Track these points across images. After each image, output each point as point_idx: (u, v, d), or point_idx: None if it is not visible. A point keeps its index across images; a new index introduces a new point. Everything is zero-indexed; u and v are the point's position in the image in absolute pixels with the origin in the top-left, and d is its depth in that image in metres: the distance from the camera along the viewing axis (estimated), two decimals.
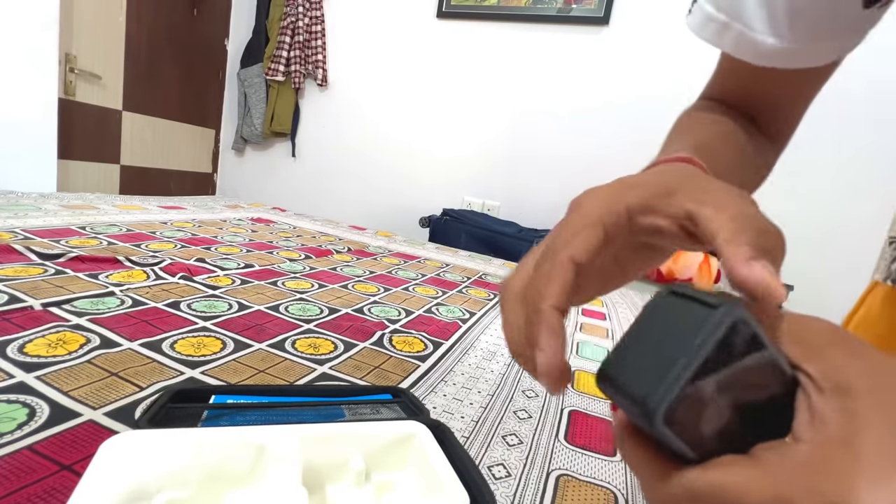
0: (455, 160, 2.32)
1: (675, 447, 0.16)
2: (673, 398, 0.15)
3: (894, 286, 0.47)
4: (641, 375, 0.16)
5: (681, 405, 0.15)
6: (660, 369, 0.15)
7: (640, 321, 0.17)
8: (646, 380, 0.15)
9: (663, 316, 0.17)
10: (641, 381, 0.15)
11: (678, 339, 0.15)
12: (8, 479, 0.27)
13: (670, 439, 0.15)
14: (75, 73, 1.96)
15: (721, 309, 0.15)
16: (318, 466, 0.29)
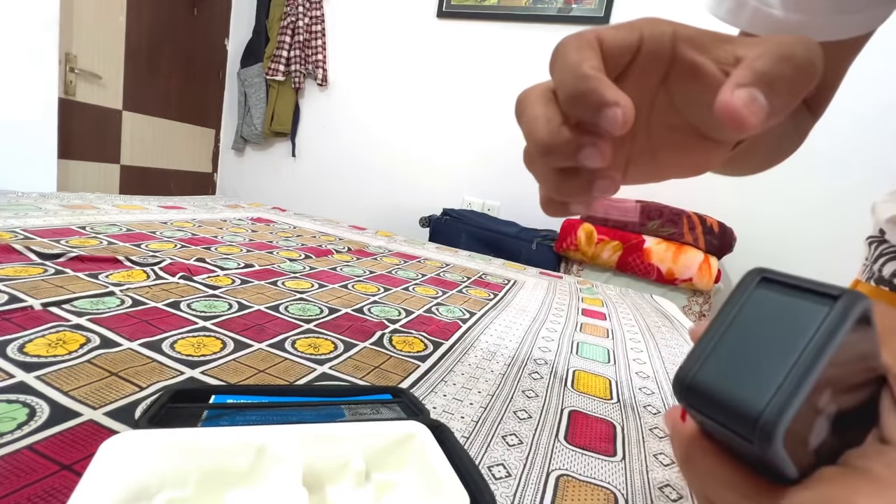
0: (455, 160, 2.32)
1: (782, 469, 0.12)
2: (793, 415, 0.12)
3: (877, 286, 0.47)
4: (745, 385, 0.12)
5: (798, 421, 0.12)
6: (770, 377, 0.12)
7: (729, 316, 0.14)
8: (753, 391, 0.12)
9: (760, 309, 0.14)
10: (747, 393, 0.12)
11: (787, 338, 0.13)
12: (8, 478, 0.27)
13: (782, 461, 0.12)
14: (75, 73, 1.96)
15: (841, 301, 0.12)
16: (318, 466, 0.29)
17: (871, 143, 1.68)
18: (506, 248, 1.81)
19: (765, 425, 0.12)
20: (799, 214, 1.81)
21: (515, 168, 2.19)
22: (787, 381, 0.12)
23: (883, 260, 0.47)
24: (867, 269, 0.50)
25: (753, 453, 0.13)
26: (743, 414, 0.12)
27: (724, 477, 0.14)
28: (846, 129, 1.71)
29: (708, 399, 0.13)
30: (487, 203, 2.25)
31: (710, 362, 0.13)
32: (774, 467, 0.13)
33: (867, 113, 1.68)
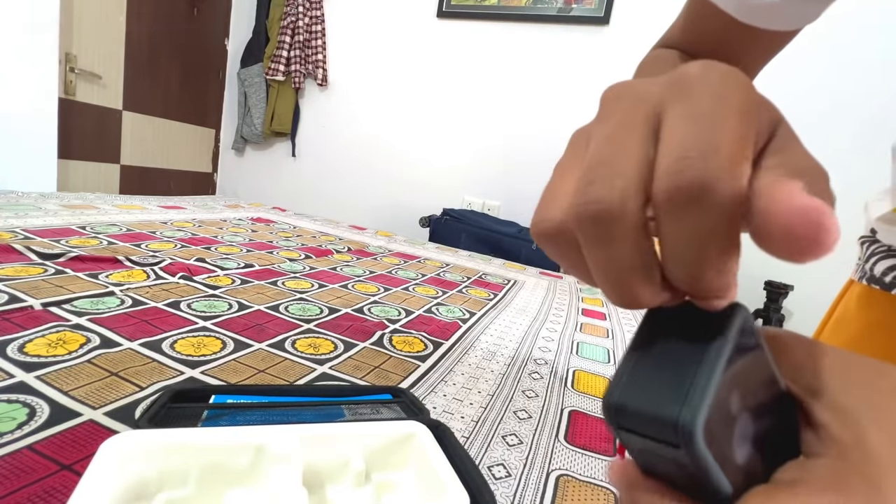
0: (455, 160, 2.32)
1: (714, 480, 0.13)
2: (708, 408, 0.12)
3: (869, 285, 0.47)
4: (661, 396, 0.13)
5: (715, 419, 0.13)
6: (680, 385, 0.13)
7: (639, 340, 0.15)
8: (668, 399, 0.13)
9: (664, 328, 0.15)
10: (663, 402, 0.13)
11: (690, 346, 0.14)
12: (8, 478, 0.27)
13: (710, 467, 0.13)
14: (75, 73, 1.96)
15: (730, 306, 0.14)
16: (318, 466, 0.29)
17: (866, 142, 1.68)
18: (506, 248, 1.81)
19: (684, 424, 0.12)
20: None
21: (515, 168, 2.19)
22: (694, 384, 0.13)
23: (875, 259, 0.47)
24: (860, 269, 0.50)
25: (685, 467, 0.13)
26: (664, 420, 0.13)
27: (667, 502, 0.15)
28: (841, 128, 1.71)
29: (632, 415, 0.14)
30: (487, 203, 2.25)
31: (628, 383, 0.14)
32: (706, 480, 0.13)
33: (861, 112, 1.68)
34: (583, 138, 0.16)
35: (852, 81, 1.69)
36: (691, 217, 0.12)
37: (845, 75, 1.70)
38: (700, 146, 0.12)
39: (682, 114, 0.13)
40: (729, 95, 0.13)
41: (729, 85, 0.13)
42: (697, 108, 0.13)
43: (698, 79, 0.14)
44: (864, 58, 1.67)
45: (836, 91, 1.71)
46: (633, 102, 0.14)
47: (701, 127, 0.13)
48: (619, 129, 0.14)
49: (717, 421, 0.13)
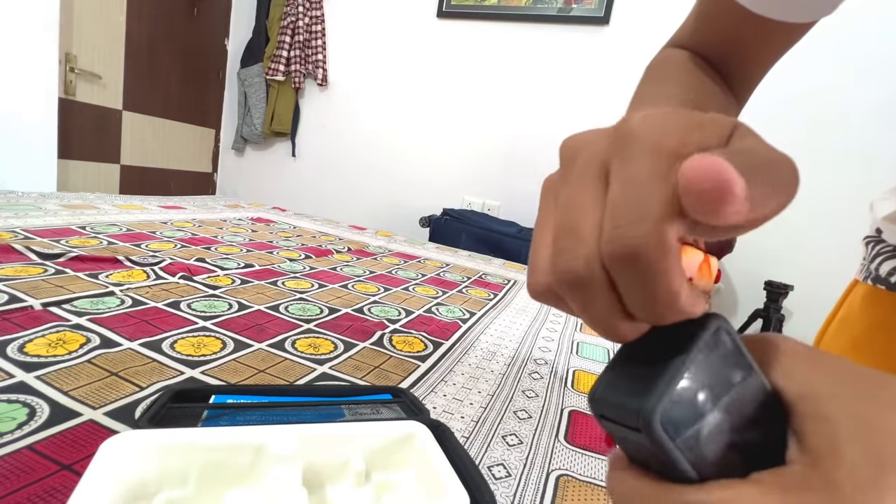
0: (455, 160, 2.32)
1: (677, 463, 0.15)
2: (669, 398, 0.15)
3: (874, 285, 0.47)
4: (634, 389, 0.16)
5: (676, 409, 0.15)
6: (651, 378, 0.15)
7: (624, 345, 0.18)
8: (638, 393, 0.15)
9: (645, 336, 0.17)
10: (633, 395, 0.15)
11: (665, 350, 0.16)
12: (8, 478, 0.27)
13: (670, 450, 0.15)
14: (75, 73, 1.96)
15: (703, 316, 0.16)
16: (318, 466, 0.29)
17: (872, 141, 1.68)
18: (506, 248, 1.81)
19: (643, 411, 0.15)
20: (797, 214, 1.80)
21: (515, 168, 2.19)
22: (658, 381, 0.15)
23: (880, 259, 0.47)
24: (864, 269, 0.50)
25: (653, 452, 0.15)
26: (630, 409, 0.15)
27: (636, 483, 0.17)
28: (846, 128, 1.71)
29: (608, 406, 0.16)
30: (487, 203, 2.25)
31: (608, 381, 0.17)
32: (672, 464, 0.15)
33: (867, 112, 1.68)
34: (551, 192, 0.19)
35: (858, 81, 1.69)
36: (631, 273, 0.15)
37: (851, 75, 1.70)
38: (630, 215, 0.15)
39: (618, 176, 0.16)
40: (660, 149, 0.15)
41: (661, 138, 0.15)
42: (630, 171, 0.15)
43: (633, 136, 0.16)
44: (871, 57, 1.67)
45: (842, 91, 1.71)
46: (586, 161, 0.17)
47: (631, 194, 0.15)
48: (576, 192, 0.17)
49: (681, 413, 0.15)
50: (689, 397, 0.15)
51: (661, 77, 0.38)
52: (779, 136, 1.91)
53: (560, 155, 0.19)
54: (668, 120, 0.16)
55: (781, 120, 1.75)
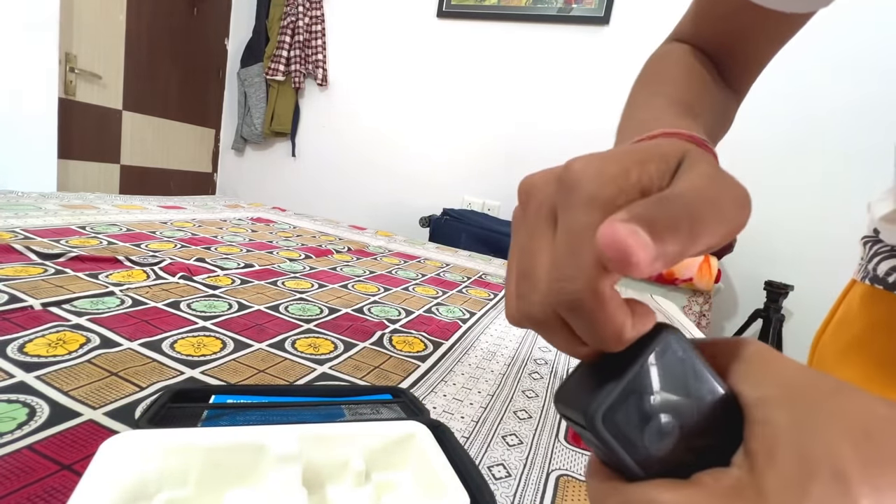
0: (455, 160, 2.32)
1: (623, 461, 0.17)
2: (611, 401, 0.16)
3: (872, 285, 0.47)
4: (587, 392, 0.18)
5: (621, 410, 0.16)
6: (602, 383, 0.17)
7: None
8: (590, 393, 0.17)
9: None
10: (585, 398, 0.17)
11: (620, 360, 0.17)
12: (8, 478, 0.27)
13: (614, 448, 0.17)
14: (75, 73, 1.96)
15: (656, 330, 0.17)
16: (317, 466, 0.29)
17: (873, 141, 1.68)
18: (506, 248, 1.81)
19: (589, 412, 0.17)
20: (798, 214, 1.81)
21: (516, 168, 2.19)
22: (605, 386, 0.17)
23: (877, 259, 0.47)
24: (862, 269, 0.50)
25: (599, 447, 0.17)
26: (580, 409, 0.17)
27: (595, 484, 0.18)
28: (845, 128, 1.71)
29: (567, 408, 0.18)
30: (487, 203, 2.25)
31: (569, 386, 0.19)
32: (619, 461, 0.17)
33: (865, 112, 1.68)
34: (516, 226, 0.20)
35: (858, 80, 1.69)
36: (576, 318, 0.17)
37: (851, 74, 1.70)
38: (567, 270, 0.16)
39: (561, 226, 0.17)
40: (595, 200, 0.17)
41: (598, 188, 0.17)
42: (569, 223, 0.17)
43: (573, 186, 0.17)
44: (871, 56, 1.67)
45: (840, 91, 1.71)
46: (538, 205, 0.19)
47: (569, 248, 0.17)
48: (530, 236, 0.19)
49: (625, 415, 0.17)
50: (634, 401, 0.17)
51: (655, 76, 0.39)
52: (778, 136, 1.92)
53: (518, 194, 0.20)
54: (608, 165, 0.17)
55: (781, 120, 1.75)
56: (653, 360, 0.17)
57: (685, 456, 0.17)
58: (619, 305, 0.16)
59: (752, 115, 1.88)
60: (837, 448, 0.14)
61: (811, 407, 0.15)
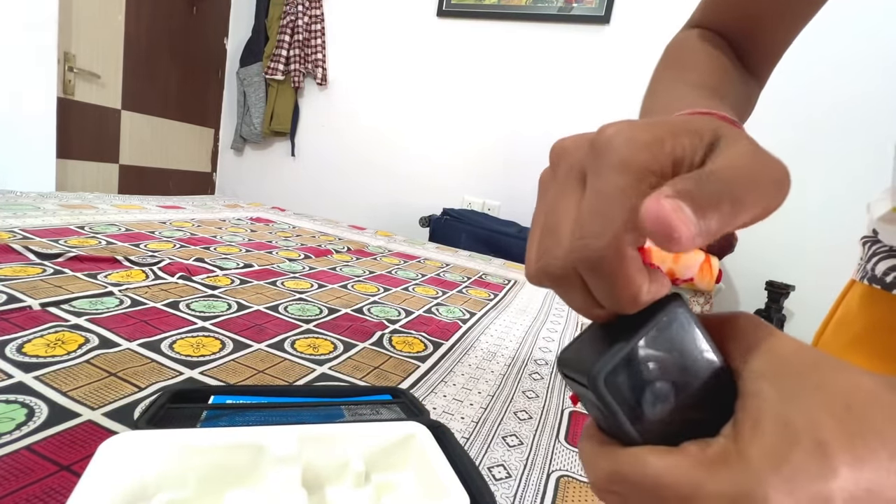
0: (455, 160, 2.31)
1: (622, 424, 0.17)
2: (615, 363, 0.17)
3: (870, 284, 0.48)
4: (591, 353, 0.18)
5: (623, 373, 0.17)
6: (607, 346, 0.18)
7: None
8: (594, 354, 0.18)
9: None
10: (589, 359, 0.18)
11: (628, 325, 0.18)
12: (7, 479, 0.27)
13: (614, 410, 0.17)
14: (74, 73, 1.96)
15: (668, 298, 0.18)
16: (317, 467, 0.29)
17: (873, 141, 1.68)
18: (506, 249, 1.81)
19: (593, 371, 0.17)
20: (799, 214, 1.81)
21: (516, 168, 2.19)
22: (611, 349, 0.17)
23: (876, 259, 0.48)
24: (861, 269, 0.50)
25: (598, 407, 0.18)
26: (583, 369, 0.18)
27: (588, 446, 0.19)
28: (845, 128, 1.71)
29: (570, 367, 0.19)
30: (487, 203, 2.24)
31: (575, 346, 0.20)
32: (617, 424, 0.17)
33: (866, 112, 1.68)
34: (544, 187, 0.20)
35: (858, 80, 1.68)
36: (595, 277, 0.17)
37: (851, 74, 1.70)
38: (593, 229, 0.16)
39: (590, 187, 0.17)
40: (628, 165, 0.17)
41: (631, 154, 0.17)
42: (599, 185, 0.17)
43: (605, 150, 0.17)
44: (871, 56, 1.67)
45: (842, 91, 1.71)
46: (569, 166, 0.19)
47: (597, 208, 0.17)
48: (559, 195, 0.19)
49: (626, 378, 0.17)
50: (636, 366, 0.17)
51: (677, 61, 0.39)
52: (779, 136, 1.93)
53: (550, 157, 0.20)
54: (641, 132, 0.17)
55: (781, 120, 1.75)
56: (660, 328, 0.18)
57: (678, 427, 0.17)
58: (639, 268, 0.17)
59: (752, 115, 1.88)
60: (819, 419, 0.15)
61: (798, 380, 0.16)
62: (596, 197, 0.17)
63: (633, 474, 0.17)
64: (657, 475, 0.16)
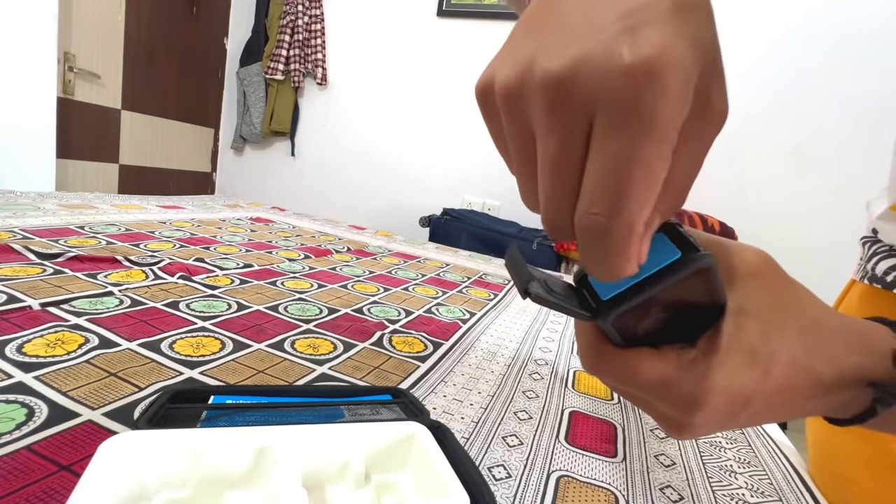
0: (455, 159, 2.31)
1: (613, 338, 0.21)
2: (624, 310, 0.19)
3: (871, 284, 0.48)
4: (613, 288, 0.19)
5: (627, 315, 0.19)
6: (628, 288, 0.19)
7: None
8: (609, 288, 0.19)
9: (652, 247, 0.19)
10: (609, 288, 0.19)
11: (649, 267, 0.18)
12: (7, 479, 0.27)
13: (612, 334, 0.20)
14: (74, 72, 1.96)
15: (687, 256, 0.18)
16: (317, 467, 0.29)
17: (873, 141, 1.68)
18: (506, 248, 1.80)
19: (602, 310, 0.19)
20: (798, 214, 1.81)
21: None
22: (627, 291, 0.19)
23: (876, 259, 0.48)
24: (861, 269, 0.50)
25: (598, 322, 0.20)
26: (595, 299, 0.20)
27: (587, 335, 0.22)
28: (845, 127, 1.71)
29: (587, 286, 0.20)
30: (487, 203, 2.24)
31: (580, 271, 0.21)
32: (611, 336, 0.21)
33: (864, 112, 1.69)
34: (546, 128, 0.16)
35: (857, 80, 1.68)
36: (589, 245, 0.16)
37: (850, 74, 1.70)
38: (607, 203, 0.15)
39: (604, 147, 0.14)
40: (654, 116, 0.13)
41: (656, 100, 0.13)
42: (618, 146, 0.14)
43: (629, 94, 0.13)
44: (869, 56, 1.67)
45: (841, 90, 1.71)
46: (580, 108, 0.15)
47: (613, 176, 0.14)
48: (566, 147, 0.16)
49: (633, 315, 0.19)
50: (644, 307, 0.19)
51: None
52: (778, 136, 1.92)
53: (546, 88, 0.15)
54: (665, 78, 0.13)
55: (781, 120, 1.75)
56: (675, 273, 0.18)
57: (660, 334, 0.20)
58: (644, 243, 0.17)
59: (754, 116, 1.88)
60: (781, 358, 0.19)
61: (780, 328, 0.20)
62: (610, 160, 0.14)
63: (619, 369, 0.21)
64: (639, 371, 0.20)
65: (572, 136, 0.15)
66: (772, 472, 0.46)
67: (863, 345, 0.21)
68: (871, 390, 0.21)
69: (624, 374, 0.21)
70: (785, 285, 0.21)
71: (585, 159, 0.15)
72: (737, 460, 0.47)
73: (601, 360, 0.21)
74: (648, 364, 0.20)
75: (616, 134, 0.14)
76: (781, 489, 0.43)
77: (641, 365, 0.20)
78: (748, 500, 0.40)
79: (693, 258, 0.18)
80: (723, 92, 0.16)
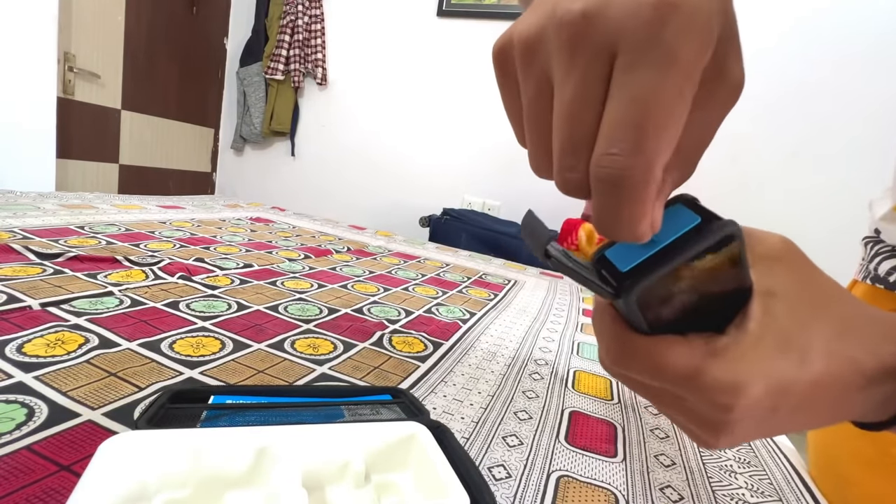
0: (455, 159, 2.31)
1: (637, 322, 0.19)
2: (648, 283, 0.17)
3: (873, 284, 0.48)
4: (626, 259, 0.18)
5: (651, 292, 0.18)
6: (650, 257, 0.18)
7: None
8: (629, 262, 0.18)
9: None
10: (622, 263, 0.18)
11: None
12: (7, 479, 0.27)
13: (636, 315, 0.19)
14: (74, 72, 1.96)
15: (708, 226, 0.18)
16: (317, 467, 0.29)
17: (872, 142, 1.68)
18: (506, 248, 1.80)
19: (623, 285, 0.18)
20: (800, 214, 1.81)
21: (515, 168, 2.19)
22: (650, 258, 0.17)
23: (879, 259, 0.48)
24: (864, 269, 0.50)
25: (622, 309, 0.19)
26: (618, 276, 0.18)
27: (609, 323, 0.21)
28: (847, 128, 1.71)
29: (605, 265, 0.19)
30: (487, 203, 2.24)
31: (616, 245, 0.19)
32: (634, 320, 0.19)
33: (866, 112, 1.69)
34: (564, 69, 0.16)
35: (859, 80, 1.68)
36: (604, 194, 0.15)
37: (852, 74, 1.70)
38: (627, 142, 0.14)
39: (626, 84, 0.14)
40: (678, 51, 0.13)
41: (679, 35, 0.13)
42: (640, 81, 0.14)
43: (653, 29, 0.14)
44: (872, 56, 1.67)
45: (843, 90, 1.71)
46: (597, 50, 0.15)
47: (635, 113, 0.14)
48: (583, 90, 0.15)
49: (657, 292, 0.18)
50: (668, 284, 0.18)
51: None
52: (780, 135, 1.92)
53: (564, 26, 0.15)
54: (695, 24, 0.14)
55: (782, 120, 1.75)
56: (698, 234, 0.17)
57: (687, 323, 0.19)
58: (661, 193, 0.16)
59: (755, 116, 1.88)
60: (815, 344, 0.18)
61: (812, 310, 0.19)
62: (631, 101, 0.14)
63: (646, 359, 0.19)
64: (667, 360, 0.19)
65: (592, 75, 0.15)
66: (772, 472, 0.46)
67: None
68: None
69: (651, 365, 0.19)
70: (812, 270, 0.20)
71: (603, 105, 0.15)
72: (737, 460, 0.47)
73: (626, 352, 0.20)
74: (676, 352, 0.19)
75: (638, 70, 0.14)
76: (781, 489, 0.43)
77: (668, 353, 0.19)
78: (748, 500, 0.40)
79: (718, 225, 0.17)
80: (739, 62, 0.16)
